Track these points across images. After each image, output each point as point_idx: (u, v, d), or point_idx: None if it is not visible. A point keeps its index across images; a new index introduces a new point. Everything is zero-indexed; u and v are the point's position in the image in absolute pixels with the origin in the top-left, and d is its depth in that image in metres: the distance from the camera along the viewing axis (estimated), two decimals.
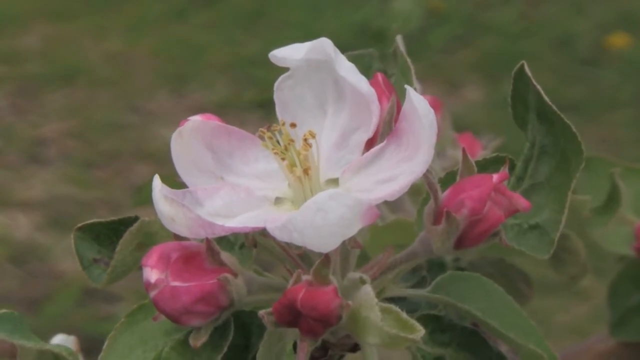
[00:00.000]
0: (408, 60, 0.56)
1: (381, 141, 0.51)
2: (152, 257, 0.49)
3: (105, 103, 2.42)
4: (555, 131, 0.53)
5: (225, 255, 0.50)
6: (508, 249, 0.53)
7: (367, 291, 0.47)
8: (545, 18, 2.72)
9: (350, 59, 0.51)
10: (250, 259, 0.54)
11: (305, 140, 0.50)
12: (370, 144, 0.51)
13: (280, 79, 0.53)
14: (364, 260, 0.54)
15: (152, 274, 0.48)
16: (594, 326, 1.64)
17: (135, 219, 0.54)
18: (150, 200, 0.48)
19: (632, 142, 2.26)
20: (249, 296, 0.50)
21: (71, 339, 0.67)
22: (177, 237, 0.49)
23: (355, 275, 0.50)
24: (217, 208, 0.50)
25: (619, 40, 2.58)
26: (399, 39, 0.58)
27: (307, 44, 0.51)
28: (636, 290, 0.80)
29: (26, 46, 2.61)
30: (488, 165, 0.55)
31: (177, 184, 0.51)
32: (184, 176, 0.52)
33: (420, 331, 0.46)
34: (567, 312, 1.83)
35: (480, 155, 0.81)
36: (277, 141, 0.51)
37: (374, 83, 0.52)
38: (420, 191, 0.55)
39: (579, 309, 1.83)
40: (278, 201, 0.51)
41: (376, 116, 0.51)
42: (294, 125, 0.51)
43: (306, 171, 0.50)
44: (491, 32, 2.64)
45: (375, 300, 0.46)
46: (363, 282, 0.49)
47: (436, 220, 0.50)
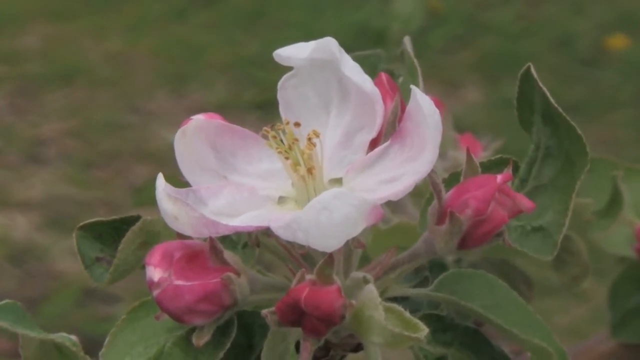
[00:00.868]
0: (415, 61, 0.56)
1: (385, 141, 0.51)
2: (155, 255, 0.49)
3: (105, 103, 2.42)
4: (560, 133, 0.53)
5: (228, 255, 0.50)
6: (509, 250, 0.53)
7: (371, 290, 0.47)
8: (545, 18, 2.72)
9: (356, 59, 0.51)
10: (253, 259, 0.54)
11: (309, 139, 0.50)
12: (374, 143, 0.51)
13: (284, 77, 0.53)
14: (365, 262, 0.54)
15: (155, 273, 0.48)
16: (594, 328, 1.64)
17: (137, 217, 0.53)
18: (150, 200, 0.48)
19: (632, 143, 2.26)
20: (252, 295, 0.50)
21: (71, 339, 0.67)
22: (181, 235, 0.49)
23: (358, 274, 0.50)
24: (221, 207, 0.49)
25: (618, 41, 2.58)
26: (406, 40, 0.58)
27: (311, 43, 0.51)
28: (637, 291, 0.80)
29: (26, 46, 2.61)
30: (491, 167, 0.54)
31: (179, 183, 0.51)
32: (188, 175, 0.52)
33: (424, 330, 0.46)
34: (567, 314, 1.83)
35: (481, 156, 0.81)
36: (281, 140, 0.51)
37: (378, 83, 0.52)
38: (422, 193, 0.55)
39: (578, 310, 1.83)
40: (281, 200, 0.51)
41: (380, 116, 0.51)
42: (298, 125, 0.51)
43: (310, 170, 0.50)
44: (491, 33, 2.64)
45: (379, 299, 0.46)
46: (366, 281, 0.49)
47: (440, 221, 0.50)
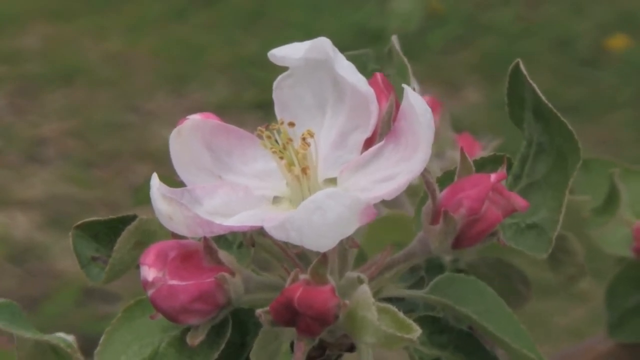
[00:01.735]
0: (404, 59, 0.56)
1: (380, 141, 0.51)
2: (149, 255, 0.49)
3: (105, 103, 2.42)
4: (551, 129, 0.53)
5: (223, 254, 0.50)
6: (506, 249, 0.53)
7: (364, 290, 0.47)
8: (545, 18, 2.72)
9: (347, 59, 0.51)
10: (248, 258, 0.54)
11: (304, 139, 0.50)
12: (368, 143, 0.51)
13: (279, 78, 0.53)
14: (361, 257, 0.54)
15: (149, 273, 0.48)
16: (592, 328, 1.64)
17: (133, 217, 0.53)
18: (149, 200, 0.48)
19: (632, 143, 2.25)
20: (246, 295, 0.50)
21: (70, 339, 0.67)
22: (175, 235, 0.49)
23: (352, 274, 0.50)
24: (216, 207, 0.50)
25: (618, 41, 2.58)
26: (394, 39, 0.58)
27: (306, 43, 0.51)
28: (635, 291, 0.80)
29: (26, 46, 2.61)
30: (486, 165, 0.54)
31: (176, 184, 0.51)
32: (183, 175, 0.52)
33: (417, 331, 0.46)
34: (565, 315, 1.83)
35: (479, 155, 0.81)
36: (276, 140, 0.51)
37: (373, 83, 0.52)
38: (418, 192, 0.55)
39: (576, 311, 1.83)
40: (276, 200, 0.51)
41: (375, 116, 0.51)
42: (292, 124, 0.51)
43: (304, 170, 0.50)
44: (491, 33, 2.64)
45: (372, 299, 0.46)
46: (360, 281, 0.49)
47: (434, 220, 0.50)
